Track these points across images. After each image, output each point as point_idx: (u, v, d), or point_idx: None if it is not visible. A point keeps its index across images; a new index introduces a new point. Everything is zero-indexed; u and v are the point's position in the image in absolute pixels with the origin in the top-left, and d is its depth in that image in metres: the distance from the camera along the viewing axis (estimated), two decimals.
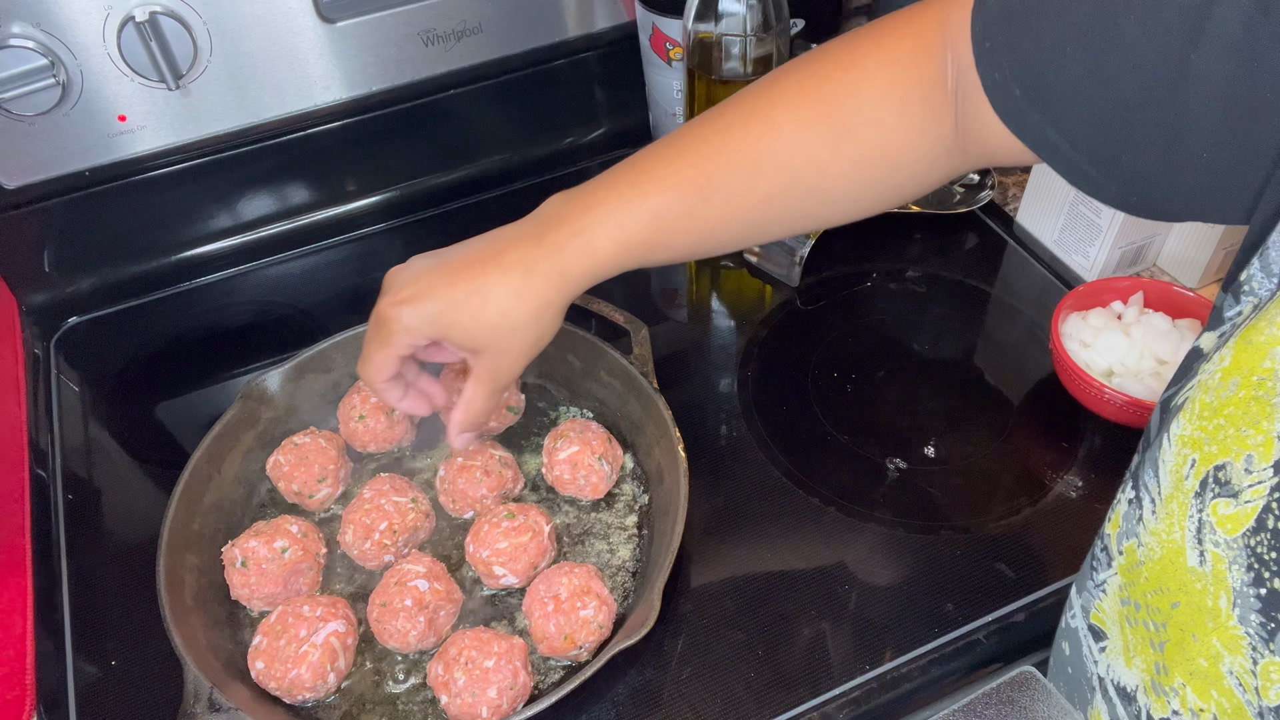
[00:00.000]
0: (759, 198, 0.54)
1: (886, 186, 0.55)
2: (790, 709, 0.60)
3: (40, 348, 0.86)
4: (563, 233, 0.55)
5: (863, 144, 0.53)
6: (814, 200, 0.55)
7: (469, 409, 0.61)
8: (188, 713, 0.55)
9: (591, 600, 0.61)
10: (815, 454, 0.74)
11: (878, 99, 0.52)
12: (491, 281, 0.55)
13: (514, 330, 0.56)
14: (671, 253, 0.56)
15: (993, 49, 0.47)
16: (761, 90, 0.55)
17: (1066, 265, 0.87)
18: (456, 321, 0.55)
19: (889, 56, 0.52)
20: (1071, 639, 0.52)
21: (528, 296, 0.55)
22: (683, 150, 0.54)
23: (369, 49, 0.87)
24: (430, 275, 0.56)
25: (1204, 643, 0.39)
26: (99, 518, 0.74)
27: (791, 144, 0.53)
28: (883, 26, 0.53)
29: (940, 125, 0.52)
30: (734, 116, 0.54)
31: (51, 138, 0.80)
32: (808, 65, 0.54)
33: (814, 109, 0.53)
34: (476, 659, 0.58)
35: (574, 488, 0.69)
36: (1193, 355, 0.42)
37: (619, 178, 0.55)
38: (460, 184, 0.99)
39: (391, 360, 0.59)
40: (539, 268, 0.55)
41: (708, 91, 0.80)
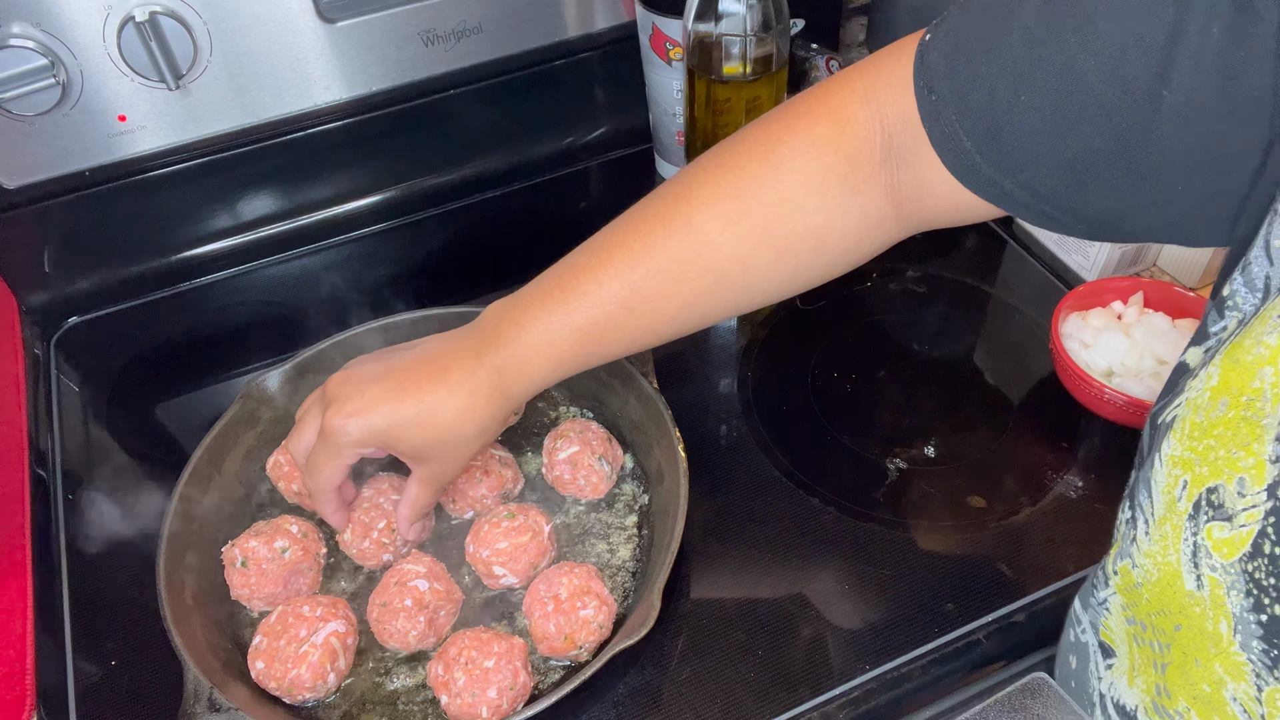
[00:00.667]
0: (684, 300, 0.54)
1: (814, 268, 0.54)
2: (790, 709, 0.60)
3: (40, 348, 0.86)
4: (500, 355, 0.56)
5: (785, 233, 0.52)
6: (741, 292, 0.55)
7: (414, 506, 0.63)
8: (188, 713, 0.55)
9: (591, 600, 0.61)
10: (815, 454, 0.74)
11: (797, 187, 0.51)
12: (439, 399, 0.56)
13: (459, 443, 0.58)
14: (606, 359, 0.57)
15: (939, 101, 0.46)
16: (679, 189, 0.54)
17: (1066, 265, 0.87)
18: (404, 437, 0.57)
19: (804, 142, 0.51)
20: (1080, 653, 0.52)
21: (472, 415, 0.57)
22: (606, 260, 0.54)
23: (369, 49, 0.87)
24: (376, 388, 0.57)
25: (1207, 668, 0.38)
26: (99, 518, 0.74)
27: (712, 244, 0.52)
28: (796, 109, 0.52)
29: (866, 199, 0.51)
30: (654, 221, 0.54)
31: (51, 138, 0.80)
32: (722, 158, 0.53)
33: (733, 205, 0.52)
34: (476, 659, 0.58)
35: (574, 488, 0.69)
36: (1179, 370, 0.41)
37: (547, 293, 0.56)
38: (460, 184, 0.99)
39: (341, 470, 0.60)
40: (482, 388, 0.56)
41: (708, 91, 0.80)
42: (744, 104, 0.80)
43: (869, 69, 0.51)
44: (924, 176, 0.49)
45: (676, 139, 0.94)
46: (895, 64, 0.49)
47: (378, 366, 0.59)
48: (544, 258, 0.91)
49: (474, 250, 0.95)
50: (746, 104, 0.80)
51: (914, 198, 0.50)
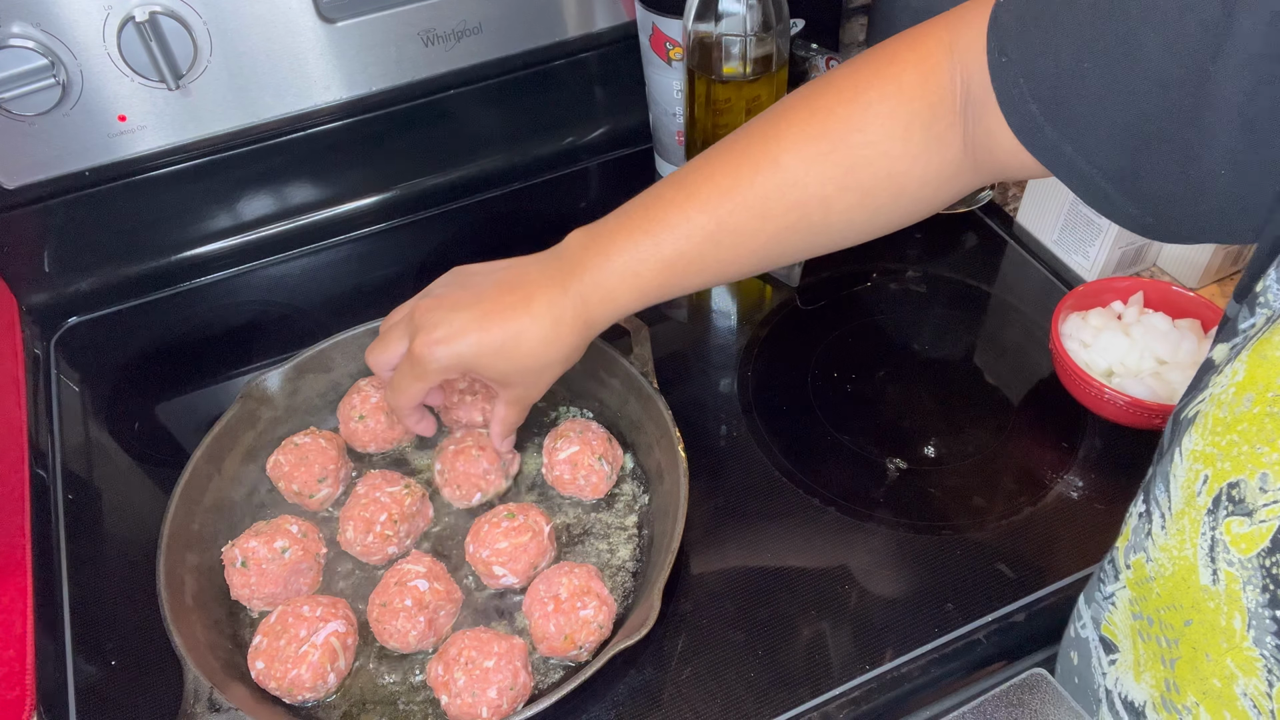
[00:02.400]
0: (767, 236, 0.56)
1: (893, 212, 0.56)
2: (790, 709, 0.60)
3: (40, 348, 0.86)
4: (585, 282, 0.58)
5: (868, 176, 0.53)
6: (821, 232, 0.56)
7: (504, 423, 0.66)
8: (188, 713, 0.55)
9: (591, 600, 0.61)
10: (815, 454, 0.74)
11: (882, 130, 0.52)
12: (523, 327, 0.58)
13: (543, 369, 0.60)
14: (685, 290, 0.59)
15: (1009, 64, 0.47)
16: (767, 127, 0.55)
17: (1066, 265, 0.87)
18: (491, 363, 0.59)
19: (891, 87, 0.52)
20: (1081, 649, 0.52)
21: (557, 342, 0.58)
22: (693, 193, 0.56)
23: (369, 49, 0.87)
24: (463, 316, 0.58)
25: (1218, 663, 0.38)
26: (99, 518, 0.74)
27: (797, 182, 0.54)
28: (884, 54, 0.54)
29: (946, 148, 0.52)
30: (740, 157, 0.55)
31: (51, 138, 0.80)
32: (811, 99, 0.55)
33: (818, 145, 0.53)
34: (476, 659, 0.58)
35: (574, 488, 0.69)
36: (1205, 367, 0.41)
37: (634, 223, 0.57)
38: (460, 184, 0.99)
39: (424, 393, 0.62)
40: (565, 315, 0.58)
41: (708, 91, 0.80)
42: (744, 104, 0.80)
43: (955, 20, 0.52)
44: (994, 130, 0.49)
45: (676, 139, 0.94)
46: (976, 18, 0.50)
47: (465, 293, 0.60)
48: None
49: (474, 250, 0.94)
50: (746, 104, 0.80)
51: (986, 149, 0.51)
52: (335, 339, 0.75)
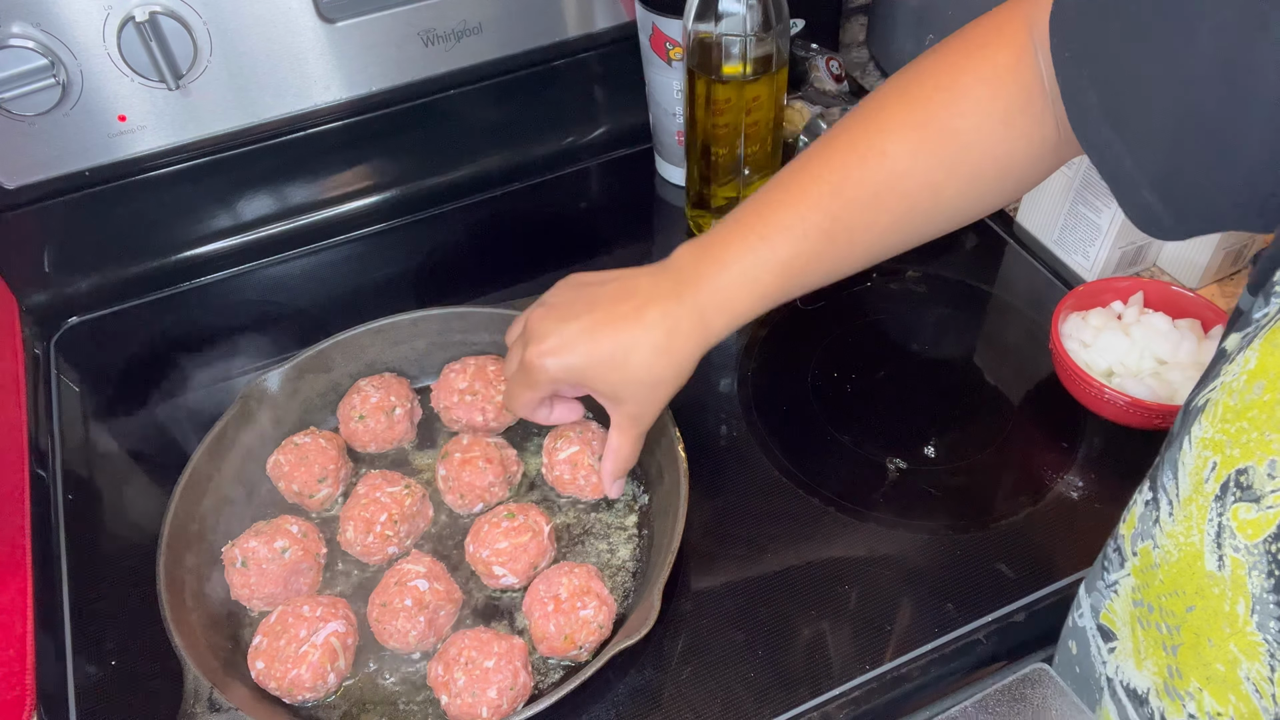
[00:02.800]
0: (881, 228, 0.56)
1: (998, 194, 0.56)
2: (790, 709, 0.60)
3: (40, 348, 0.86)
4: (702, 292, 0.57)
5: (974, 161, 0.54)
6: (930, 219, 0.57)
7: (617, 457, 0.64)
8: (188, 713, 0.55)
9: (591, 600, 0.61)
10: (815, 454, 0.74)
11: (983, 115, 0.53)
12: (635, 339, 0.57)
13: (656, 384, 0.59)
14: (803, 290, 0.58)
15: (1072, 59, 0.48)
16: (867, 120, 0.56)
17: (1066, 265, 0.87)
18: (601, 376, 0.58)
19: (986, 70, 0.53)
20: (1079, 638, 0.52)
21: (671, 354, 0.57)
22: (803, 193, 0.56)
23: (369, 49, 0.87)
24: (574, 327, 0.58)
25: (1220, 648, 0.38)
26: (99, 518, 0.74)
27: (907, 172, 0.54)
28: (973, 38, 0.54)
29: (1044, 127, 0.53)
30: (846, 152, 0.55)
31: (51, 138, 0.80)
32: (907, 88, 0.55)
33: (923, 134, 0.54)
34: (476, 659, 0.58)
35: (574, 488, 0.69)
36: (1218, 357, 0.41)
37: (747, 228, 0.56)
38: (460, 184, 0.99)
39: (536, 401, 0.63)
40: (681, 327, 0.57)
41: (708, 91, 0.80)
42: (744, 104, 0.80)
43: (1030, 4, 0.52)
44: None
45: (676, 139, 0.94)
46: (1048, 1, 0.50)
47: (577, 303, 0.59)
48: (544, 258, 0.92)
49: (474, 250, 0.95)
50: (746, 104, 0.80)
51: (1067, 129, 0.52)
52: (335, 339, 0.75)
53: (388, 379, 0.75)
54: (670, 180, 0.99)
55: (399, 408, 0.73)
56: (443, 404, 0.74)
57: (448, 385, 0.74)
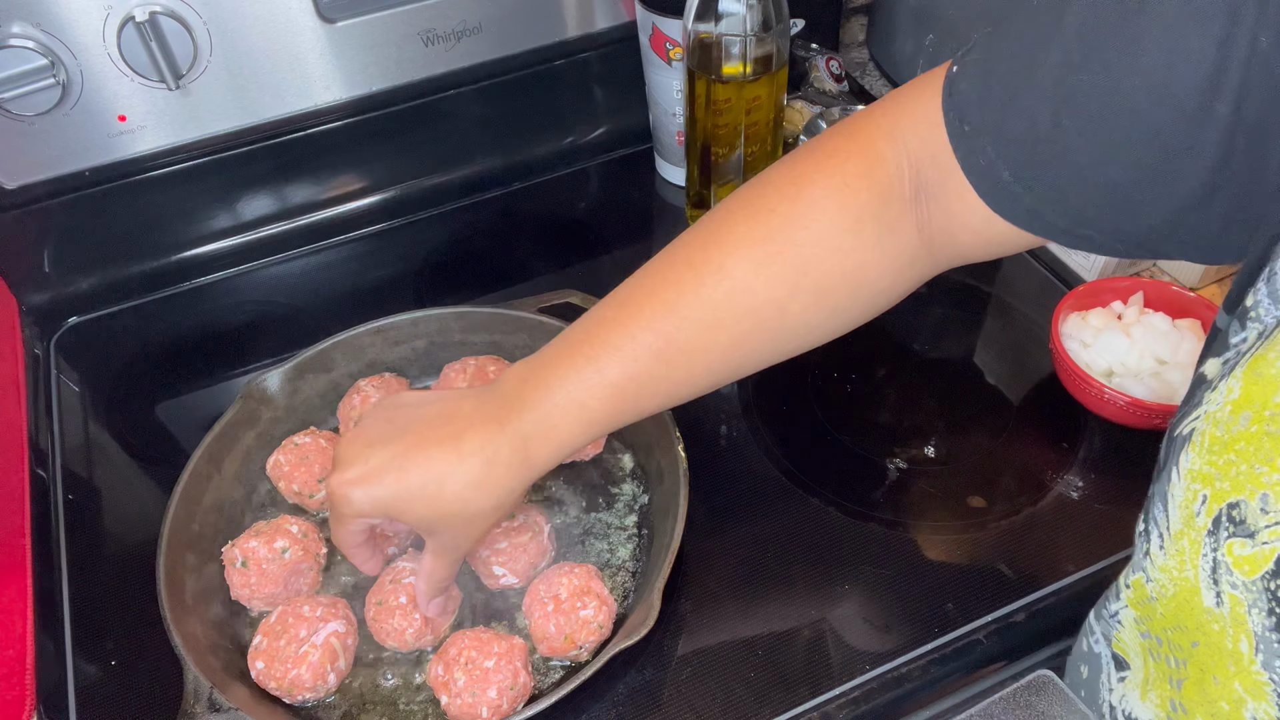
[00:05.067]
0: (721, 349, 0.52)
1: (851, 309, 0.53)
2: (790, 709, 0.60)
3: (40, 348, 0.86)
4: (525, 420, 0.52)
5: (822, 274, 0.50)
6: (777, 339, 0.53)
7: (431, 580, 0.59)
8: (188, 713, 0.55)
9: (591, 600, 0.61)
10: (815, 454, 0.74)
11: (831, 225, 0.50)
12: (448, 469, 0.52)
13: (472, 517, 0.54)
14: (637, 417, 0.54)
15: (973, 133, 0.45)
16: (709, 233, 0.52)
17: (1066, 265, 0.87)
18: (410, 508, 0.53)
19: (835, 180, 0.50)
20: (1092, 664, 0.51)
21: (487, 486, 0.52)
22: (637, 312, 0.52)
23: (369, 49, 0.87)
24: (383, 454, 0.52)
25: (1225, 686, 0.37)
26: (99, 518, 0.74)
27: (748, 289, 0.50)
28: (823, 148, 0.51)
29: (900, 237, 0.50)
30: (683, 268, 0.52)
31: (51, 138, 0.80)
32: (751, 201, 0.52)
33: (766, 249, 0.50)
34: (476, 659, 0.58)
35: None
36: (1197, 382, 0.41)
37: (574, 350, 0.52)
38: (460, 184, 0.99)
39: (354, 534, 0.58)
40: (500, 457, 0.52)
41: (708, 91, 0.80)
42: (744, 104, 0.80)
43: (891, 106, 0.50)
44: (954, 210, 0.48)
45: (676, 139, 0.94)
46: (919, 99, 0.48)
47: (389, 427, 0.54)
48: (544, 258, 0.92)
49: (474, 250, 0.95)
50: (746, 104, 0.80)
51: (945, 233, 0.50)
52: (335, 339, 0.75)
53: (388, 379, 0.75)
54: (670, 180, 0.99)
55: None
56: None
57: (448, 385, 0.74)
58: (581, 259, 0.92)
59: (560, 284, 0.78)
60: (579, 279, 0.89)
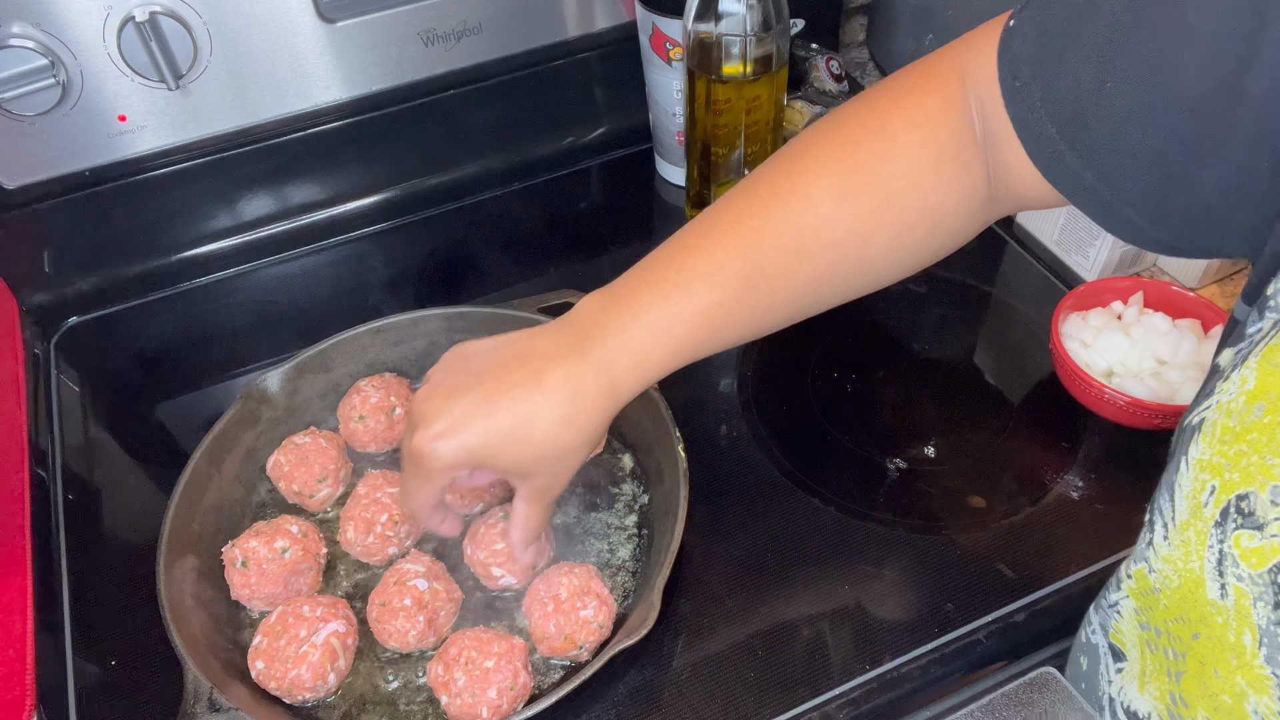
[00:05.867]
0: (805, 279, 0.52)
1: (929, 247, 0.53)
2: (790, 709, 0.60)
3: (40, 348, 0.86)
4: (609, 347, 0.50)
5: (903, 209, 0.51)
6: (858, 272, 0.53)
7: (526, 527, 0.57)
8: (188, 713, 0.55)
9: (591, 600, 0.61)
10: (815, 454, 0.74)
11: (913, 161, 0.50)
12: (536, 408, 0.50)
13: (564, 456, 0.53)
14: (721, 346, 0.53)
15: (1023, 88, 0.46)
16: (792, 163, 0.52)
17: (1066, 265, 0.87)
18: (502, 453, 0.51)
19: (916, 115, 0.50)
20: (1090, 655, 0.51)
21: (578, 423, 0.51)
22: (722, 238, 0.51)
23: (369, 49, 0.87)
24: (464, 403, 0.51)
25: (1227, 679, 0.37)
26: (99, 518, 0.74)
27: (833, 219, 0.50)
28: (902, 84, 0.52)
29: (975, 178, 0.51)
30: (768, 197, 0.51)
31: (51, 138, 0.80)
32: (834, 133, 0.52)
33: (851, 180, 0.50)
34: (476, 659, 0.58)
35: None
36: (1211, 372, 0.40)
37: (659, 275, 0.52)
38: (460, 184, 0.99)
39: (435, 494, 0.55)
40: (587, 389, 0.50)
41: (708, 91, 0.80)
42: (744, 104, 0.80)
43: (963, 49, 0.50)
44: (1010, 163, 0.48)
45: (676, 139, 0.94)
46: (984, 45, 0.48)
47: (464, 376, 0.52)
48: (544, 258, 0.92)
49: (474, 250, 0.95)
50: (746, 104, 0.80)
51: (1005, 182, 0.50)
52: (335, 339, 0.75)
53: (388, 379, 0.75)
54: (670, 180, 0.99)
55: (399, 408, 0.73)
56: None
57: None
58: (581, 259, 0.92)
59: (560, 284, 0.78)
60: (579, 279, 0.89)
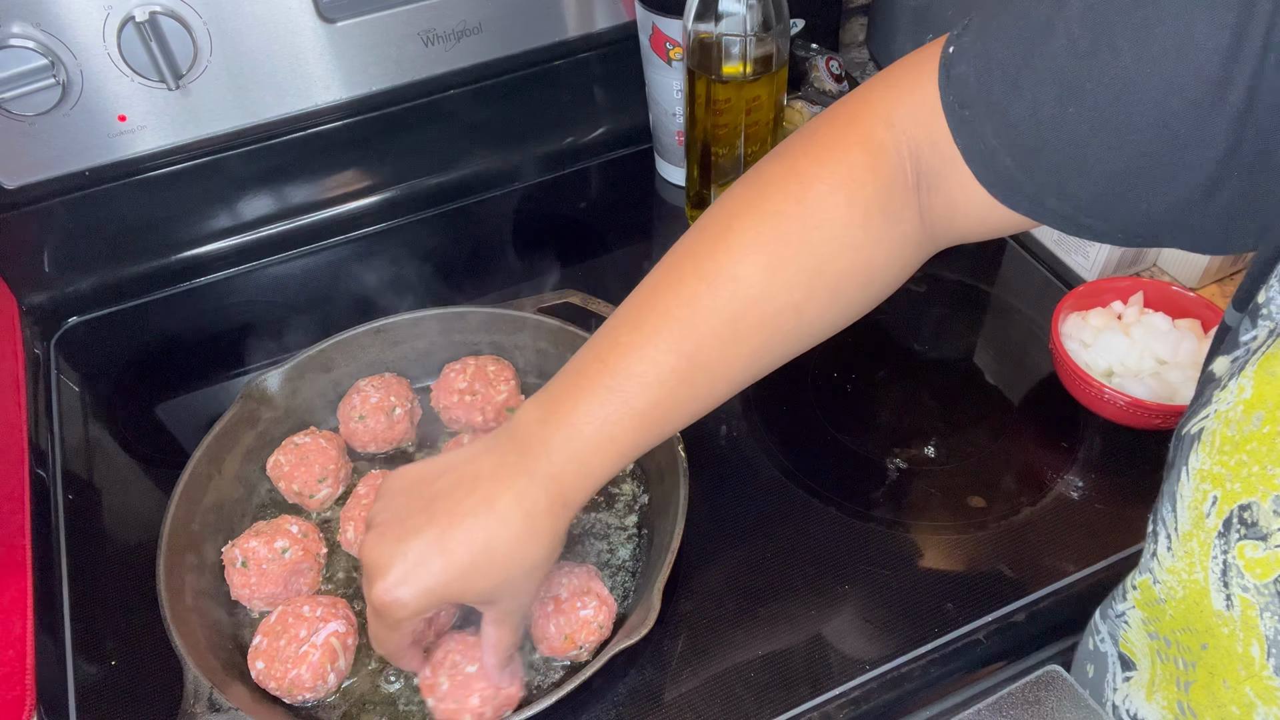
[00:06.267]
0: (742, 361, 0.51)
1: (863, 301, 0.52)
2: (790, 709, 0.60)
3: (40, 348, 0.86)
4: (554, 462, 0.50)
5: (835, 272, 0.50)
6: (795, 341, 0.52)
7: (499, 649, 0.56)
8: (188, 713, 0.55)
9: (591, 600, 0.61)
10: (815, 454, 0.74)
11: (841, 224, 0.49)
12: (492, 534, 0.49)
13: (528, 573, 0.52)
14: (660, 440, 0.52)
15: (973, 118, 0.44)
16: (714, 240, 0.50)
17: (1066, 265, 0.87)
18: (467, 586, 0.50)
19: (840, 175, 0.49)
20: (1098, 663, 0.51)
21: (534, 539, 0.50)
22: (653, 334, 0.50)
23: (369, 49, 0.87)
24: (418, 544, 0.49)
25: (1235, 690, 0.37)
26: (99, 518, 0.74)
27: (764, 297, 0.49)
28: (822, 139, 0.50)
29: (906, 227, 0.50)
30: (694, 282, 0.50)
31: (51, 138, 0.80)
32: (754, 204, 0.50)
33: (779, 252, 0.49)
34: (460, 664, 0.58)
35: None
36: (1206, 380, 0.40)
37: (594, 382, 0.50)
38: (460, 184, 0.99)
39: (406, 639, 0.55)
40: (539, 506, 0.50)
41: (708, 91, 0.80)
42: (744, 104, 0.80)
43: (885, 90, 0.49)
44: (956, 198, 0.47)
45: (676, 139, 0.94)
46: (915, 82, 0.47)
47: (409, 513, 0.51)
48: (544, 258, 0.92)
49: (474, 250, 0.95)
50: (746, 104, 0.80)
51: (946, 218, 0.49)
52: (335, 339, 0.75)
53: (388, 379, 0.75)
54: (670, 180, 0.99)
55: (399, 408, 0.73)
56: (443, 404, 0.74)
57: (448, 385, 0.74)
58: (581, 259, 0.92)
59: (560, 284, 0.79)
60: (579, 279, 0.89)
